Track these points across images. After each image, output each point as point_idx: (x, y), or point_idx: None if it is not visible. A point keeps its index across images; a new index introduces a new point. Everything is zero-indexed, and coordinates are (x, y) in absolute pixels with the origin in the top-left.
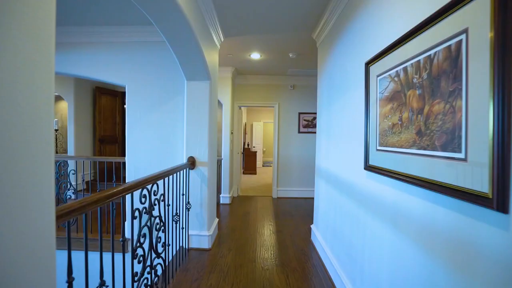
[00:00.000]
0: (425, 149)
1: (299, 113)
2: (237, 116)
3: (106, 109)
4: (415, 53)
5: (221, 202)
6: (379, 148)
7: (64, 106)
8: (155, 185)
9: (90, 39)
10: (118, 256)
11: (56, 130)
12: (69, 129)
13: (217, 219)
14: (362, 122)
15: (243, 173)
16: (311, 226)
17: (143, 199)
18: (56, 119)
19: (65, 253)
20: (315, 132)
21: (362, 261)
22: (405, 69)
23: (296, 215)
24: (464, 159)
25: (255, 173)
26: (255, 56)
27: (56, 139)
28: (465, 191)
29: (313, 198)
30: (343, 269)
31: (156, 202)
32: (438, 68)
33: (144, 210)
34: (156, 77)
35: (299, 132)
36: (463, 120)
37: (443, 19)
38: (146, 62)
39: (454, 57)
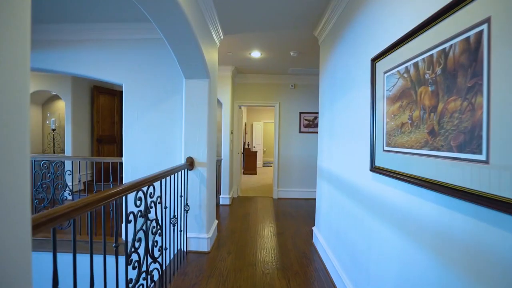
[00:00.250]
0: (438, 150)
1: (300, 113)
2: (237, 115)
3: (104, 109)
4: (427, 47)
5: (220, 203)
6: (386, 148)
7: (61, 105)
8: (151, 187)
9: (87, 36)
10: (113, 260)
11: (53, 130)
12: (67, 128)
13: (216, 221)
14: (368, 122)
15: (243, 173)
16: (313, 228)
17: (138, 202)
18: (53, 119)
19: (63, 256)
20: (316, 132)
21: (367, 265)
22: (415, 64)
23: (297, 216)
24: (485, 161)
25: (255, 173)
26: (256, 54)
27: (54, 139)
28: (486, 196)
29: (314, 199)
30: (346, 273)
31: (153, 204)
32: (454, 62)
33: (139, 213)
34: (153, 75)
35: (300, 132)
36: (484, 118)
37: (460, 8)
38: (144, 60)
39: (473, 50)
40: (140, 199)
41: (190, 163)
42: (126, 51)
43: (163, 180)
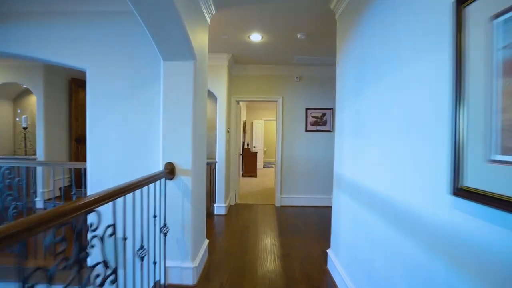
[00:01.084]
0: None
1: (306, 109)
2: (234, 111)
3: (84, 104)
4: None
5: (215, 212)
6: (497, 158)
7: (33, 100)
8: (93, 214)
9: (38, 8)
10: None
11: (24, 129)
12: (38, 127)
13: (206, 241)
14: (444, 111)
15: (242, 175)
16: (328, 250)
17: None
18: (24, 116)
19: None
20: (325, 131)
21: None
22: None
23: (306, 230)
24: None
25: (255, 176)
26: (256, 37)
27: (25, 139)
28: None
29: (325, 207)
30: None
31: (96, 241)
32: None
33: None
34: (126, 58)
35: (306, 130)
36: None
37: None
38: (113, 38)
39: None
40: (64, 239)
41: (169, 171)
42: (88, 26)
43: (120, 200)
